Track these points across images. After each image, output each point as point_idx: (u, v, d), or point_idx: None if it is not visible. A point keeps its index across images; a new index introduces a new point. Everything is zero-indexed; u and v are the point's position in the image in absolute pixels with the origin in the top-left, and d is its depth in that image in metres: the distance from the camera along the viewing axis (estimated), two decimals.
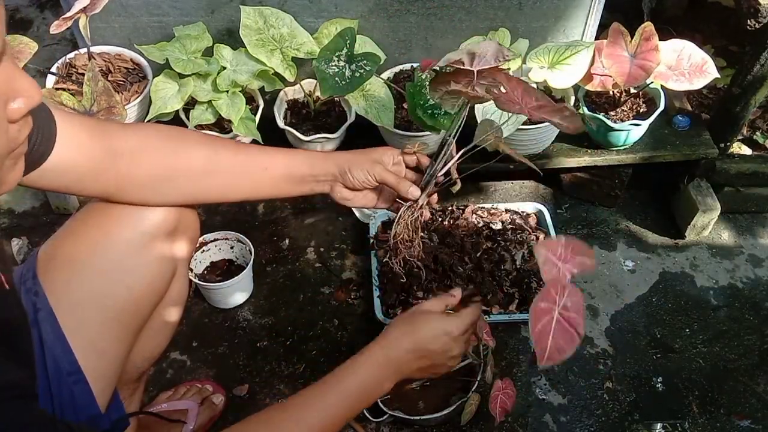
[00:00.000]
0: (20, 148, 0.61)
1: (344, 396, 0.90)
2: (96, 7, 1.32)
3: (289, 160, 1.00)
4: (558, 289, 0.86)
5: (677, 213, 1.71)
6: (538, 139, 1.53)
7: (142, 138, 0.91)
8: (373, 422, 1.31)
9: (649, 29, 1.37)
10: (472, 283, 1.48)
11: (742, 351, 1.49)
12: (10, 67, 0.57)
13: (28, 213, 1.71)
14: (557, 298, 0.85)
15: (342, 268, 1.61)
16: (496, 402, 1.19)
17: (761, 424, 1.37)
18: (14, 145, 0.60)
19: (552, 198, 1.76)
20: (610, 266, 1.64)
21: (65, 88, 1.44)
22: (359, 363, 0.93)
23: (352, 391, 0.91)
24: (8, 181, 0.62)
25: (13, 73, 0.57)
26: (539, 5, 1.48)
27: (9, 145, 0.59)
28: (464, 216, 1.62)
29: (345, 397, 0.90)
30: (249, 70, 1.42)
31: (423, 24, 1.51)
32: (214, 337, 1.49)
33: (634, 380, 1.43)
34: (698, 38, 1.85)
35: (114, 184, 0.89)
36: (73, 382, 0.86)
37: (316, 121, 1.53)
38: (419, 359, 0.96)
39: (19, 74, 0.57)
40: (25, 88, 0.57)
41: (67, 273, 0.90)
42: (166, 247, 0.97)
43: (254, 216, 1.70)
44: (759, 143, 1.70)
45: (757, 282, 1.62)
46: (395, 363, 0.94)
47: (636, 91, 1.54)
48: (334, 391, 0.90)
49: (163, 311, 1.07)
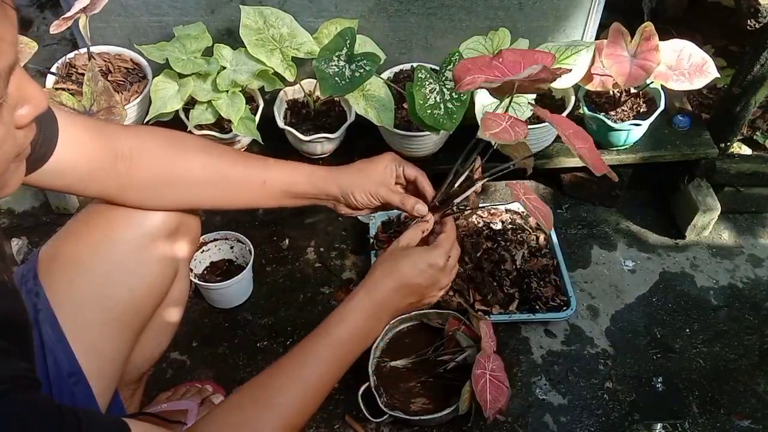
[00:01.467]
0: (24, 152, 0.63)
1: (336, 346, 0.89)
2: (96, 7, 1.32)
3: (289, 176, 0.99)
4: (485, 359, 1.21)
5: (677, 213, 1.71)
6: (538, 139, 1.53)
7: (142, 141, 0.91)
8: (373, 422, 1.31)
9: (649, 29, 1.37)
10: (472, 283, 1.48)
11: (742, 351, 1.49)
12: (20, 74, 0.58)
13: (28, 213, 1.71)
14: (486, 365, 1.21)
15: (342, 268, 1.61)
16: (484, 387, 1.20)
17: (761, 424, 1.37)
18: (20, 149, 0.61)
19: (552, 198, 1.76)
20: (610, 266, 1.64)
21: (65, 88, 1.44)
22: (346, 310, 0.91)
23: (344, 340, 0.89)
24: (11, 184, 0.63)
25: (22, 81, 0.58)
26: (539, 5, 1.48)
27: (16, 149, 0.60)
28: (464, 216, 1.62)
29: (337, 347, 0.89)
30: (249, 70, 1.42)
31: (423, 24, 1.51)
32: (214, 337, 1.49)
33: (634, 380, 1.43)
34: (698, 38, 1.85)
35: (114, 186, 0.89)
36: (74, 383, 0.86)
37: (316, 121, 1.53)
38: (407, 296, 0.94)
39: (27, 81, 0.59)
40: (33, 95, 0.59)
41: (68, 274, 0.90)
42: (168, 248, 0.97)
43: (254, 216, 1.70)
44: (759, 143, 1.70)
45: (757, 282, 1.62)
46: (382, 304, 0.93)
47: (636, 91, 1.54)
48: (325, 344, 0.88)
49: (164, 312, 1.07)
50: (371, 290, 0.92)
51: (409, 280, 0.93)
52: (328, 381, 0.88)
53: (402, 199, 0.99)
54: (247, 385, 0.84)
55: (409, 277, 0.93)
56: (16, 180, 0.63)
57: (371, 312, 0.92)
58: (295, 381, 0.84)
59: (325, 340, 0.89)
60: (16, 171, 0.63)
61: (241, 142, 1.53)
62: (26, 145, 0.62)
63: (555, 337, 1.50)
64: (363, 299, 0.92)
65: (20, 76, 0.58)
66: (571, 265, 1.60)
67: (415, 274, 0.93)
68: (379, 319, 0.93)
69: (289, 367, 0.86)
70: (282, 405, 0.82)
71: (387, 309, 0.93)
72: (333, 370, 0.88)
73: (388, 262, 0.95)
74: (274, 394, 0.83)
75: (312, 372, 0.86)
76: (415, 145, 1.49)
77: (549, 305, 1.47)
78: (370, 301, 0.92)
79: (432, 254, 0.95)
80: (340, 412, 1.36)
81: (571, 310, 1.44)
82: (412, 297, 0.95)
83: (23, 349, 0.73)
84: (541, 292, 1.48)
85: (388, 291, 0.93)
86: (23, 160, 0.64)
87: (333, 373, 0.88)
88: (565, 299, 1.47)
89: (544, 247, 1.57)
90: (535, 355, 1.46)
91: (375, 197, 0.99)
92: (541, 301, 1.47)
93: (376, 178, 1.00)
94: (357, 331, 0.91)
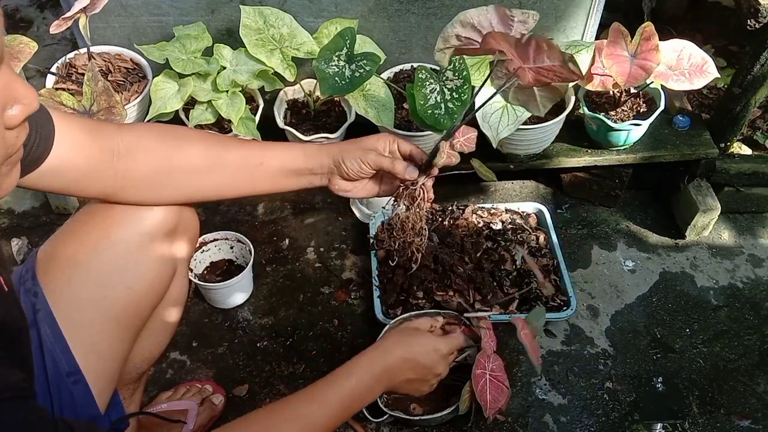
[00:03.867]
0: (16, 155, 0.61)
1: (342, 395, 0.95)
2: (96, 7, 1.32)
3: (284, 153, 1.00)
4: (485, 359, 1.20)
5: (677, 213, 1.71)
6: (539, 139, 1.53)
7: (138, 136, 0.91)
8: (373, 422, 1.31)
9: (649, 29, 1.37)
10: (472, 283, 1.48)
11: (742, 351, 1.49)
12: (8, 73, 0.56)
13: (28, 213, 1.71)
14: (486, 365, 1.20)
15: (342, 268, 1.61)
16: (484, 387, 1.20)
17: (761, 424, 1.37)
18: (11, 151, 0.59)
19: (552, 198, 1.76)
20: (610, 266, 1.64)
21: (65, 88, 1.44)
22: (358, 365, 0.99)
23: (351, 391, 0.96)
24: (4, 187, 0.62)
25: (10, 80, 0.56)
26: (539, 5, 1.48)
27: (6, 151, 0.58)
28: (464, 216, 1.62)
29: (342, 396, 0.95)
30: (249, 70, 1.42)
31: (423, 24, 1.51)
32: (214, 337, 1.49)
33: (634, 380, 1.43)
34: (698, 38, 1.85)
35: (112, 184, 0.89)
36: (73, 383, 0.86)
37: (316, 121, 1.53)
38: (409, 369, 1.04)
39: (16, 81, 0.57)
40: (23, 94, 0.57)
41: (66, 273, 0.90)
42: (166, 247, 0.97)
43: (254, 216, 1.70)
44: (759, 143, 1.70)
45: (757, 282, 1.61)
46: (389, 368, 1.02)
47: (636, 91, 1.54)
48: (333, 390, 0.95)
49: (163, 311, 1.07)
50: (382, 354, 1.03)
51: (417, 356, 1.06)
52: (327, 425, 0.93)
53: (393, 162, 0.99)
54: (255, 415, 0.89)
55: (418, 353, 1.06)
56: (9, 183, 0.62)
57: (377, 374, 1.00)
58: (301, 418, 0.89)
59: (334, 388, 0.95)
60: (9, 174, 0.62)
61: None
62: (18, 147, 0.60)
63: (555, 337, 1.50)
64: (373, 360, 1.01)
65: (9, 75, 0.56)
66: (571, 265, 1.60)
67: (422, 352, 1.07)
68: (381, 382, 1.01)
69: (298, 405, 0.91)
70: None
71: (391, 374, 1.03)
72: (334, 416, 0.94)
73: (402, 335, 1.08)
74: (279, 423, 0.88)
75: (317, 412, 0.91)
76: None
77: (549, 305, 1.47)
78: (379, 364, 1.01)
79: (440, 341, 1.11)
80: None
81: (571, 310, 1.44)
82: (413, 373, 1.06)
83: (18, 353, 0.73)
84: (541, 292, 1.48)
85: (397, 359, 1.03)
86: (16, 162, 0.62)
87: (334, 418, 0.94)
88: (565, 299, 1.47)
89: (544, 247, 1.57)
90: None
91: (365, 163, 0.98)
92: (541, 301, 1.47)
93: (367, 144, 1.00)
94: (361, 386, 0.98)
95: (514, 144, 1.51)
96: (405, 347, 1.05)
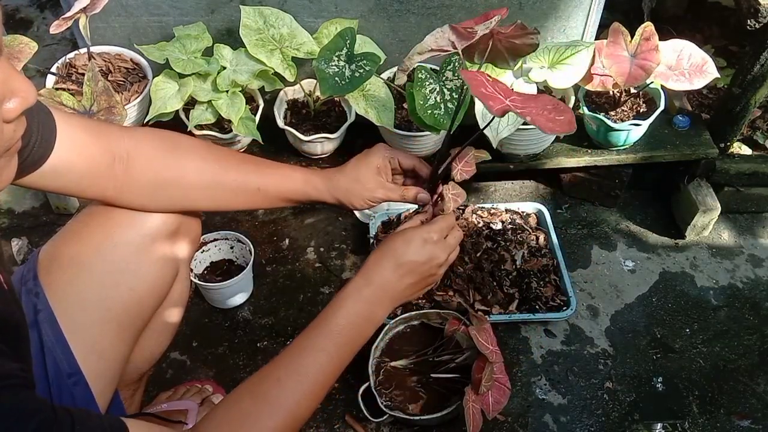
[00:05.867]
0: (14, 147, 0.61)
1: (335, 335, 0.86)
2: (96, 7, 1.32)
3: (284, 182, 0.99)
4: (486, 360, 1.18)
5: (677, 213, 1.71)
6: (539, 139, 1.53)
7: (139, 144, 0.91)
8: (373, 422, 1.31)
9: (649, 29, 1.37)
10: (471, 283, 1.48)
11: (742, 351, 1.49)
12: (6, 67, 0.57)
13: (28, 213, 1.71)
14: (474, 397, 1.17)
15: (342, 268, 1.61)
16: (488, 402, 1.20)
17: (761, 424, 1.37)
18: (9, 144, 0.60)
19: (552, 198, 1.76)
20: (610, 266, 1.64)
21: (65, 88, 1.44)
22: (343, 298, 0.89)
23: (343, 328, 0.86)
24: (2, 179, 0.62)
25: (8, 74, 0.57)
26: (539, 5, 1.48)
27: (4, 144, 0.59)
28: (464, 216, 1.62)
29: (336, 336, 0.86)
30: (249, 70, 1.42)
31: (423, 24, 1.51)
32: (214, 337, 1.49)
33: (634, 380, 1.43)
34: (698, 38, 1.85)
35: (112, 187, 0.89)
36: (73, 384, 0.86)
37: (316, 121, 1.53)
38: (405, 276, 0.91)
39: (14, 74, 0.57)
40: (20, 88, 0.57)
41: (68, 274, 0.90)
42: (168, 248, 0.97)
43: (254, 216, 1.70)
44: (759, 143, 1.70)
45: (757, 282, 1.62)
46: (381, 287, 0.90)
47: (636, 91, 1.54)
48: (323, 334, 0.86)
49: (165, 312, 1.07)
50: (367, 273, 0.90)
51: (404, 257, 0.90)
52: (329, 372, 0.85)
53: (402, 194, 1.00)
54: (248, 381, 0.83)
55: (404, 255, 0.90)
56: (6, 176, 0.62)
57: (369, 297, 0.89)
58: (294, 374, 0.82)
59: (323, 330, 0.86)
60: (7, 167, 0.62)
61: (241, 142, 1.53)
62: (16, 140, 0.61)
63: (555, 337, 1.50)
64: (360, 284, 0.89)
65: (6, 69, 0.57)
66: (571, 265, 1.60)
67: (409, 251, 0.91)
68: (380, 304, 0.90)
69: (287, 360, 0.83)
70: (280, 398, 0.80)
71: (386, 292, 0.91)
72: (333, 361, 0.85)
73: (383, 245, 0.93)
74: (273, 387, 0.81)
75: (311, 364, 0.83)
76: (415, 145, 1.49)
77: (549, 305, 1.47)
78: (367, 286, 0.89)
79: (425, 229, 0.93)
80: (340, 412, 1.36)
81: (571, 310, 1.44)
82: (411, 277, 0.92)
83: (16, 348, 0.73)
84: (541, 292, 1.48)
85: (385, 272, 0.90)
86: (14, 155, 0.63)
87: (334, 364, 0.85)
88: (565, 299, 1.47)
89: (544, 247, 1.57)
90: (535, 355, 1.46)
91: (374, 201, 1.00)
92: (541, 301, 1.47)
93: (371, 184, 0.99)
94: (356, 317, 0.88)
95: (514, 144, 1.51)
96: (389, 256, 0.91)
